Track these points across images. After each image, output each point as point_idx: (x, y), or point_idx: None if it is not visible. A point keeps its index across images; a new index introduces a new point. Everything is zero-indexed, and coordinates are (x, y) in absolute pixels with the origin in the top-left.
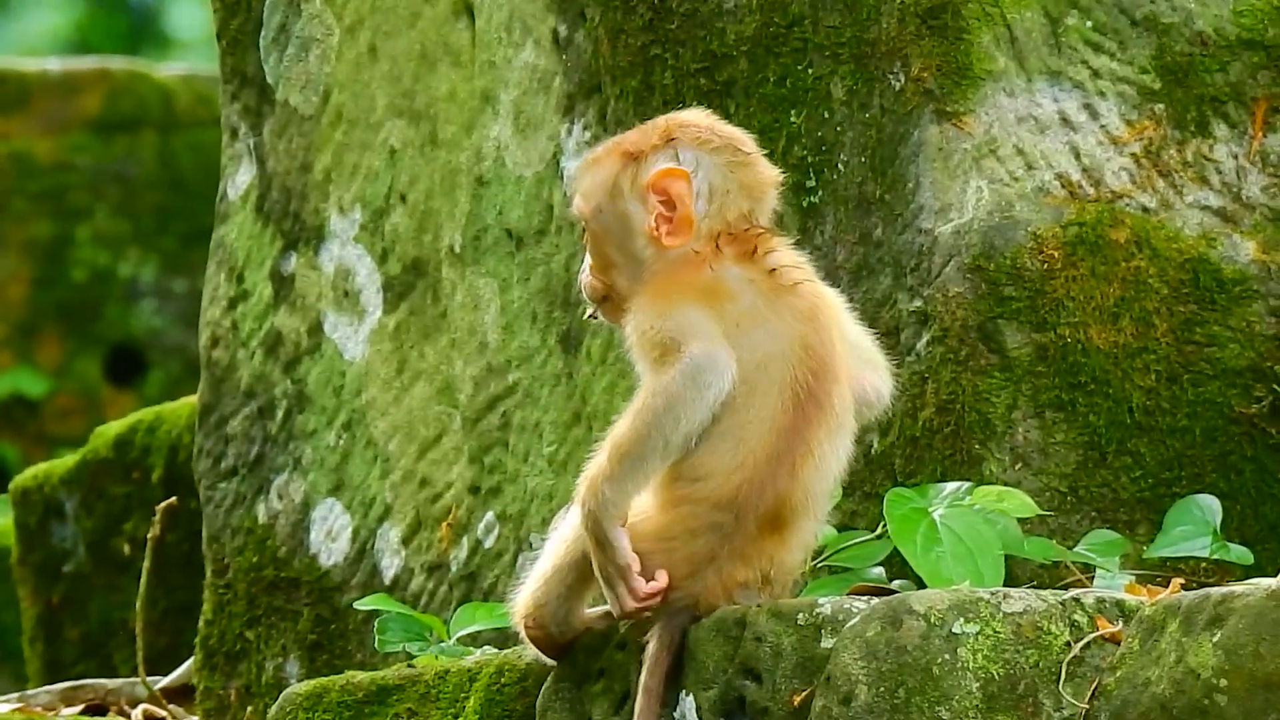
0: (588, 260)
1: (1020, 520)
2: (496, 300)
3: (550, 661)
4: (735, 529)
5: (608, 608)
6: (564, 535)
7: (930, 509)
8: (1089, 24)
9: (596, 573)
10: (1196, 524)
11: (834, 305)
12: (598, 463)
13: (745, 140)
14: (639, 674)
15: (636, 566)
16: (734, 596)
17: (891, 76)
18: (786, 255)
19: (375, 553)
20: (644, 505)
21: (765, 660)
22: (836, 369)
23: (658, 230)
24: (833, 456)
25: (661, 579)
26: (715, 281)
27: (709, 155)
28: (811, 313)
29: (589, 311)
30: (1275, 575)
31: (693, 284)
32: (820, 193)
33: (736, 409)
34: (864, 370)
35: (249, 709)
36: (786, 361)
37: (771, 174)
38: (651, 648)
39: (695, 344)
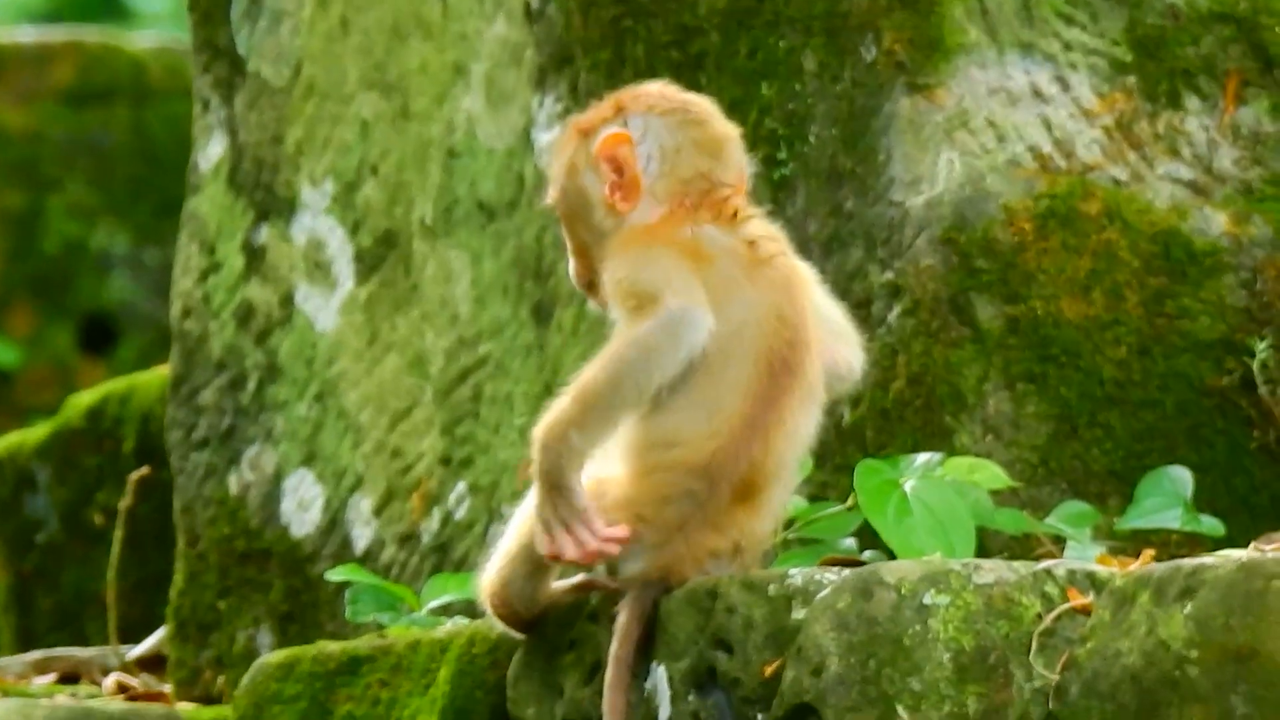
0: (570, 252)
1: (991, 492)
2: (468, 272)
3: (520, 635)
4: (708, 496)
5: (577, 579)
6: (526, 512)
7: (901, 481)
8: None
9: (548, 519)
10: (1168, 496)
11: (807, 279)
12: (561, 408)
13: (701, 103)
14: (610, 644)
15: (594, 510)
16: (705, 566)
17: (863, 49)
18: (763, 227)
19: (347, 523)
20: (613, 475)
21: (736, 631)
22: (809, 340)
23: (612, 197)
24: (804, 425)
25: (623, 529)
26: (695, 241)
27: (658, 117)
28: (786, 284)
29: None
30: (1246, 547)
31: (671, 238)
32: (791, 165)
33: (712, 374)
34: (836, 343)
35: (221, 679)
36: (762, 330)
37: (728, 129)
38: (622, 618)
39: (674, 298)
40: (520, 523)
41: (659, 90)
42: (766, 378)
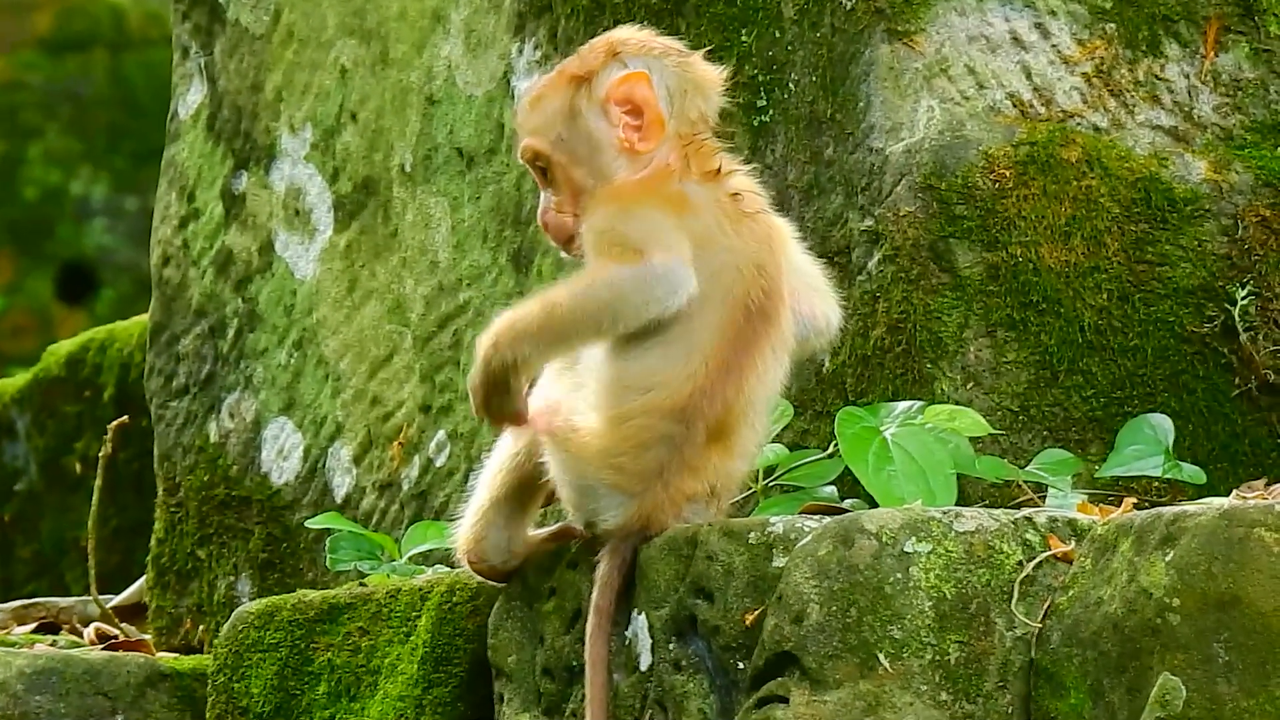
0: (549, 201)
1: (972, 439)
2: (447, 219)
3: (499, 585)
4: (685, 439)
5: (553, 529)
6: (498, 465)
7: (882, 428)
8: None
9: (479, 411)
10: (1149, 443)
11: (785, 234)
12: (525, 315)
13: (681, 45)
14: (590, 593)
15: (525, 413)
16: (683, 512)
17: None
18: (745, 181)
19: (326, 471)
20: (588, 426)
21: (717, 579)
22: (784, 291)
23: (629, 140)
24: (775, 370)
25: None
26: (681, 194)
27: (657, 59)
28: (766, 237)
29: (563, 253)
30: (1227, 495)
31: (658, 191)
32: (771, 112)
33: (690, 318)
34: (813, 298)
35: (200, 627)
36: (740, 277)
37: (716, 71)
38: (602, 567)
39: (659, 253)
40: (491, 476)
41: (644, 34)
42: (743, 322)
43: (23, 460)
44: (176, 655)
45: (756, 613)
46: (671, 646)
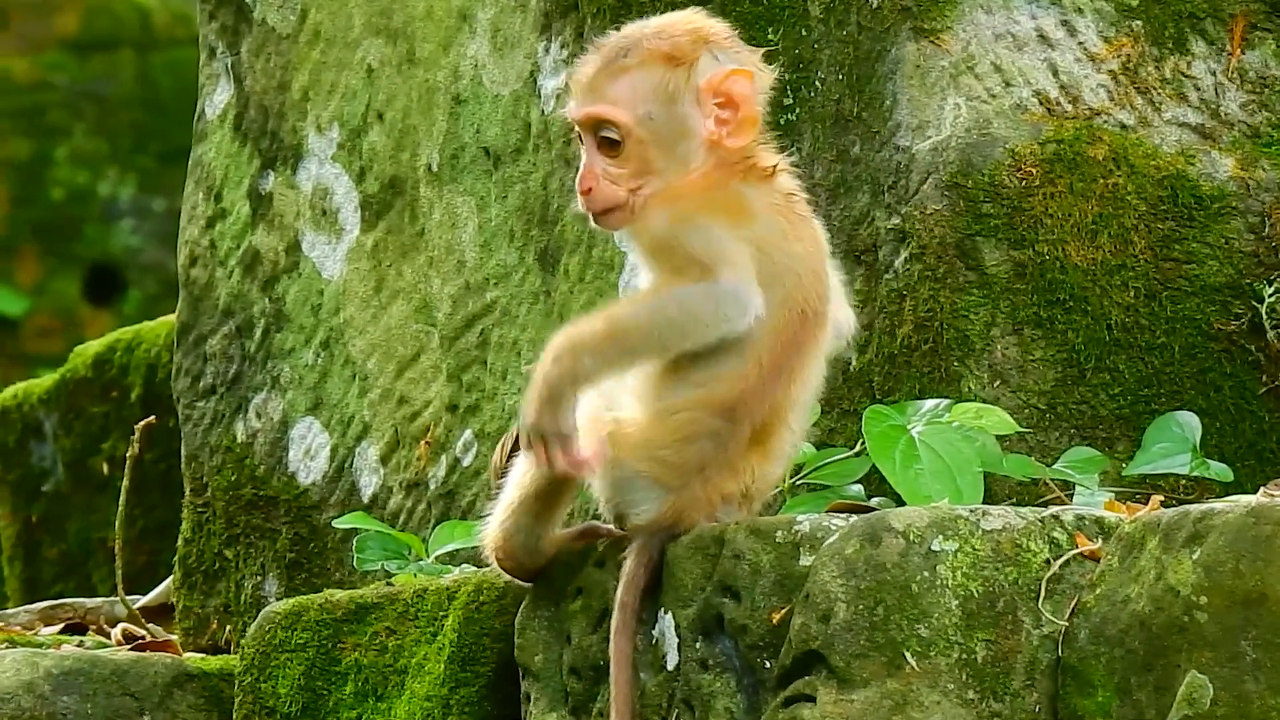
0: (600, 166)
1: (999, 437)
2: (474, 218)
3: (526, 584)
4: (730, 436)
5: (580, 527)
6: (527, 463)
7: (909, 426)
8: None
9: (537, 428)
10: (1176, 441)
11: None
12: (587, 330)
13: None
14: (616, 590)
15: (576, 437)
16: (716, 512)
17: None
18: (791, 181)
19: (354, 471)
20: (630, 418)
21: (744, 578)
22: (830, 288)
23: (718, 133)
24: (817, 372)
25: (593, 458)
26: (740, 200)
27: (749, 56)
28: (815, 239)
29: (591, 222)
30: (1255, 492)
31: (718, 201)
32: (798, 110)
33: (753, 323)
34: (839, 300)
35: (228, 627)
36: (800, 282)
37: (769, 71)
38: (629, 564)
39: (728, 271)
40: (520, 474)
41: (723, 27)
42: (798, 325)
43: (50, 461)
44: (203, 655)
45: (783, 611)
46: (698, 645)
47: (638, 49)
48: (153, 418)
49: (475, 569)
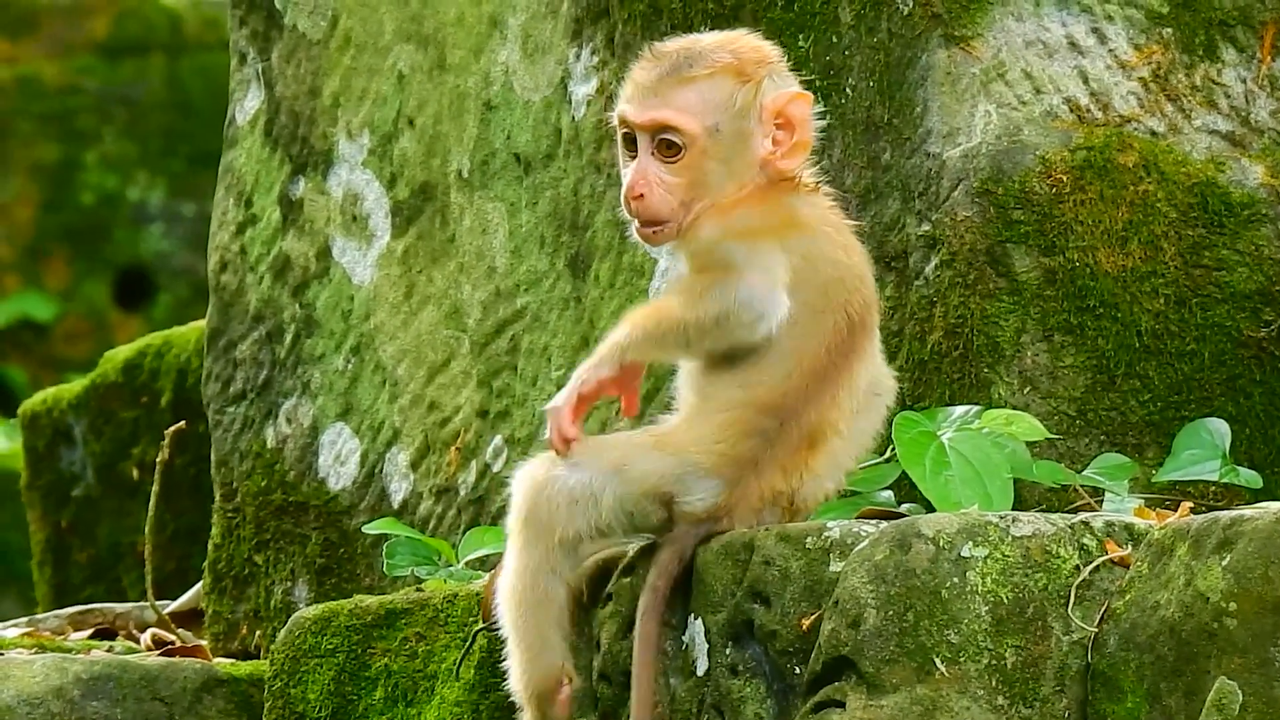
0: (655, 174)
1: (1029, 444)
2: (505, 224)
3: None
4: (779, 436)
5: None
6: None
7: (939, 432)
8: None
9: (579, 382)
10: (1205, 447)
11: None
12: (642, 313)
13: None
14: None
15: (578, 413)
16: (762, 514)
17: (900, 1)
18: (827, 196)
19: (384, 477)
20: (684, 415)
21: (774, 584)
22: (874, 297)
23: (772, 154)
24: (863, 381)
25: (575, 433)
26: (790, 212)
27: (795, 84)
28: (860, 249)
29: (639, 233)
30: None
31: (769, 214)
32: (828, 117)
33: (798, 328)
34: None
35: (257, 633)
36: (846, 289)
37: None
38: (664, 552)
39: (752, 277)
40: (518, 594)
41: (775, 51)
42: (845, 333)
43: (80, 466)
44: (233, 661)
45: (813, 617)
46: (728, 651)
47: (705, 60)
48: (183, 423)
49: None
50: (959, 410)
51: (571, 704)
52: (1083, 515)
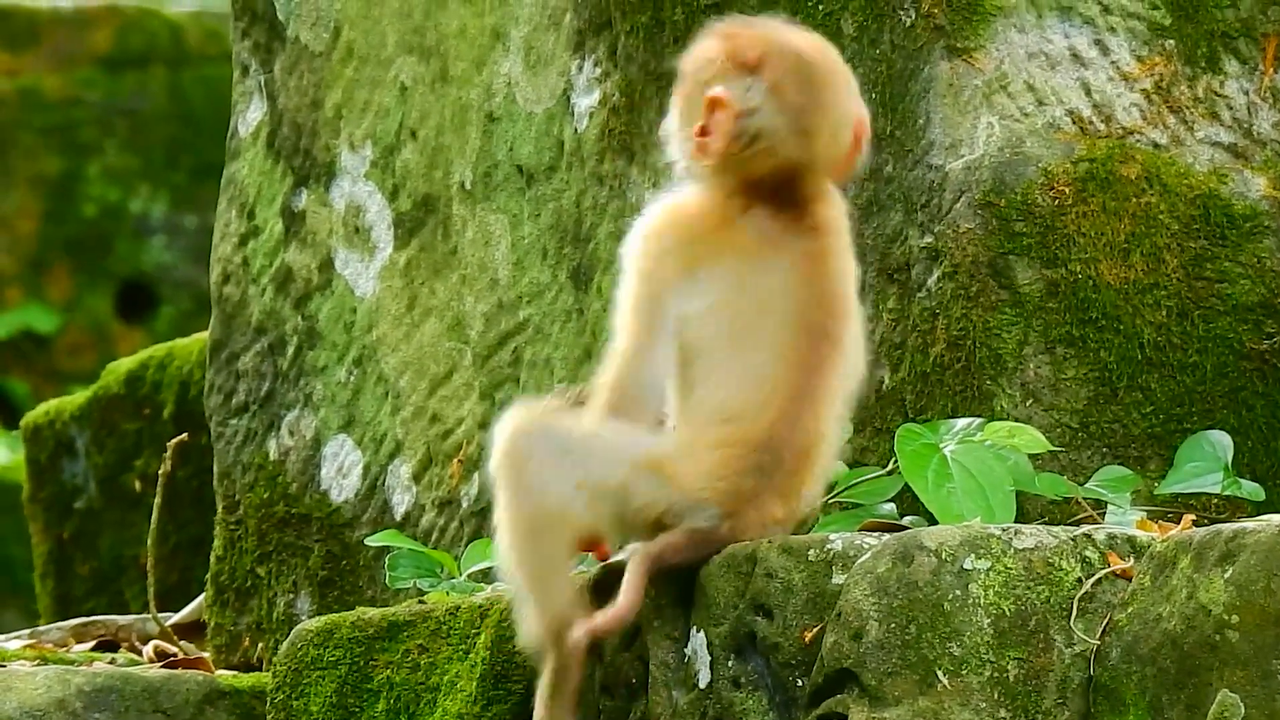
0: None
1: (1031, 456)
2: (507, 236)
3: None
4: (775, 467)
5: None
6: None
7: (941, 445)
8: None
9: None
10: (1208, 460)
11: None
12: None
13: None
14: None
15: None
16: (767, 534)
17: (902, 12)
18: (835, 206)
19: (386, 489)
20: (681, 447)
21: (776, 596)
22: (850, 310)
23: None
24: (841, 390)
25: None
26: (727, 218)
27: None
28: (823, 254)
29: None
30: None
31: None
32: None
33: (750, 346)
34: None
35: (260, 645)
36: (793, 298)
37: None
38: (654, 546)
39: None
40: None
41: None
42: (808, 347)
43: (82, 478)
44: (235, 673)
45: (815, 630)
46: (730, 663)
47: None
48: (185, 435)
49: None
50: (961, 423)
51: (584, 646)
52: (1085, 528)
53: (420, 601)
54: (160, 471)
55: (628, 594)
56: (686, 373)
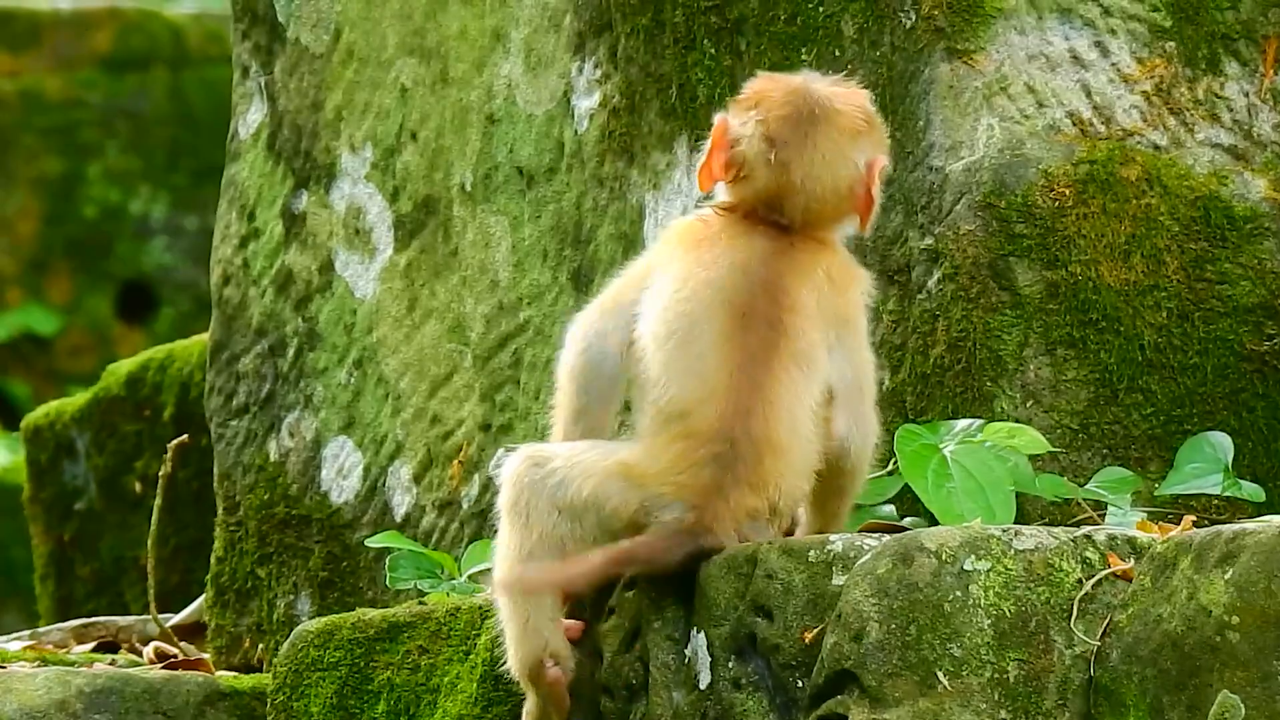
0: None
1: (1031, 457)
2: (507, 238)
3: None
4: (733, 458)
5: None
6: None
7: (941, 446)
8: None
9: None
10: (1208, 461)
11: (848, 276)
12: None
13: None
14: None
15: None
16: (744, 529)
17: (902, 14)
18: (830, 243)
19: (386, 490)
20: (641, 450)
21: (776, 597)
22: (799, 305)
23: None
24: (802, 381)
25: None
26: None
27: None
28: (771, 252)
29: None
30: None
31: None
32: None
33: (687, 340)
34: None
35: (260, 646)
36: (722, 286)
37: None
38: (625, 543)
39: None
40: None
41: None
42: (744, 333)
43: (82, 479)
44: (236, 674)
45: (816, 631)
46: (731, 664)
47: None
48: (185, 436)
49: None
50: (961, 424)
51: (563, 683)
52: (1085, 529)
53: (420, 603)
54: (161, 473)
55: (580, 566)
56: (642, 373)
